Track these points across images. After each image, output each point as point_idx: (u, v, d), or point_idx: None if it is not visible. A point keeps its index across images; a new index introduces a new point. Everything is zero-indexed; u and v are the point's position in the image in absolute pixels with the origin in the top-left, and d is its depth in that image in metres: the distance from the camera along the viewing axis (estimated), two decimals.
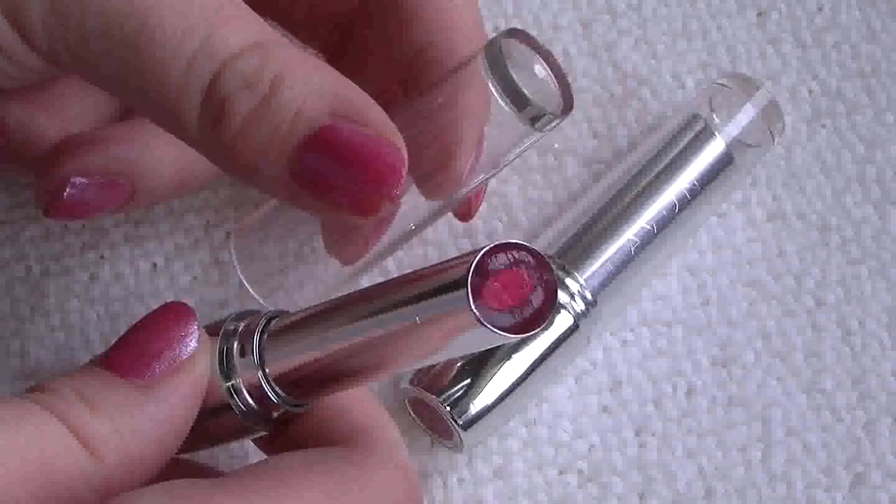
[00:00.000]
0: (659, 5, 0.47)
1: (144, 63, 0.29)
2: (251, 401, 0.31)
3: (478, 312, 0.26)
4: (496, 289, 0.26)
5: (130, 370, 0.29)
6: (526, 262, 0.27)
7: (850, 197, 0.44)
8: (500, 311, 0.26)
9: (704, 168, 0.41)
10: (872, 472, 0.40)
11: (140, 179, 0.37)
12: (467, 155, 0.34)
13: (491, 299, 0.26)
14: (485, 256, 0.26)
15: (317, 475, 0.29)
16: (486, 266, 0.26)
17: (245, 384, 0.31)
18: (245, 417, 0.31)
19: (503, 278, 0.26)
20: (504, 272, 0.26)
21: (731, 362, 0.41)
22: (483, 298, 0.26)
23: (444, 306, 0.27)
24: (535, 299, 0.27)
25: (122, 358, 0.30)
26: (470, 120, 0.33)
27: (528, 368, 0.38)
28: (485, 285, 0.26)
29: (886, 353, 0.42)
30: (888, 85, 0.46)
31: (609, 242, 0.39)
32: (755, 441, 0.40)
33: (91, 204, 0.36)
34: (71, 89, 0.38)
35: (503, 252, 0.27)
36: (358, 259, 0.36)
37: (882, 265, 0.43)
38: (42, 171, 0.36)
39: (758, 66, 0.46)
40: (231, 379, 0.31)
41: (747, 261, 0.43)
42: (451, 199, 0.36)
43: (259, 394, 0.31)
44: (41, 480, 0.27)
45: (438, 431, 0.39)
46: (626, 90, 0.45)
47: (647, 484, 0.40)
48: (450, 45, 0.35)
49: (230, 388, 0.31)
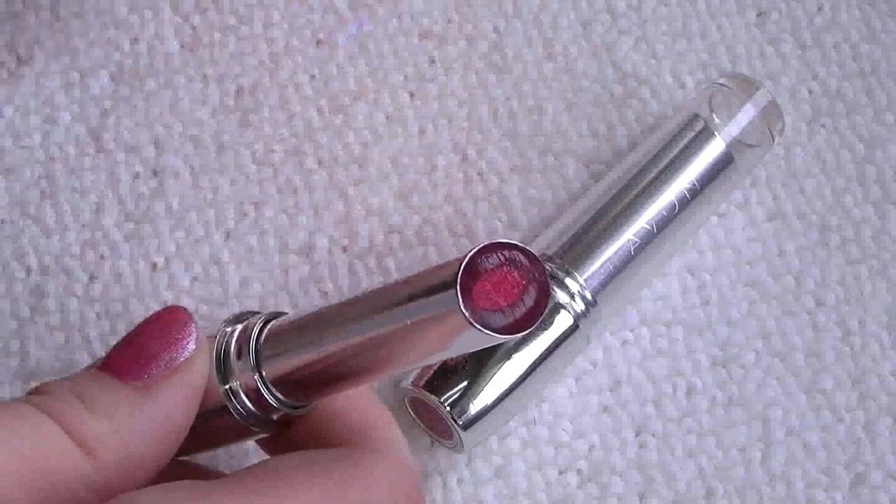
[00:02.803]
0: (659, 5, 0.47)
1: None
2: (249, 403, 0.31)
3: (468, 313, 0.26)
4: (486, 289, 0.26)
5: (129, 372, 0.29)
6: (517, 261, 0.27)
7: (850, 197, 0.44)
8: (491, 312, 0.26)
9: (704, 168, 0.41)
10: (872, 472, 0.40)
11: None
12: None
13: (481, 300, 0.26)
14: (475, 256, 0.26)
15: (317, 475, 0.28)
16: (477, 266, 0.26)
17: (242, 386, 0.31)
18: (243, 420, 0.31)
19: (494, 278, 0.26)
20: (495, 272, 0.26)
21: (731, 362, 0.41)
22: (473, 299, 0.26)
23: (435, 308, 0.27)
24: (527, 299, 0.26)
25: (121, 360, 0.30)
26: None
27: (528, 368, 0.38)
28: (475, 286, 0.26)
29: (886, 353, 0.42)
30: (888, 85, 0.46)
31: (609, 242, 0.39)
32: (755, 441, 0.40)
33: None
34: None
35: (494, 252, 0.26)
36: None
37: (882, 265, 0.43)
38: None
39: (758, 66, 0.46)
40: (228, 381, 0.31)
41: (747, 261, 0.43)
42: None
43: (256, 396, 0.31)
44: (37, 481, 0.27)
45: (438, 431, 0.39)
46: (626, 90, 0.45)
47: (647, 484, 0.40)
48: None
49: (228, 391, 0.31)
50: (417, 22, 0.46)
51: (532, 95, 0.45)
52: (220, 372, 0.31)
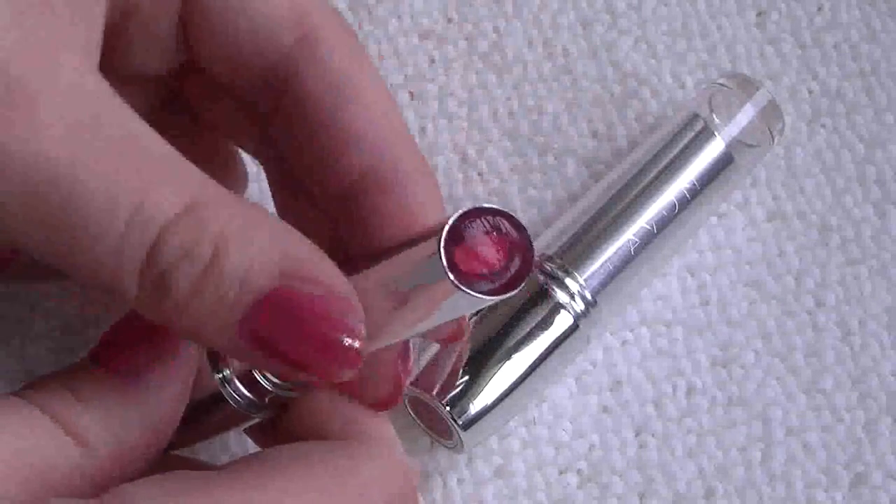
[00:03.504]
0: (659, 5, 0.47)
1: (73, 237, 0.26)
2: (242, 388, 0.31)
3: (452, 276, 0.26)
4: (470, 252, 0.26)
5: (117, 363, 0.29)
6: (500, 226, 0.27)
7: (850, 197, 0.44)
8: (474, 275, 0.26)
9: (704, 168, 0.41)
10: (872, 472, 0.40)
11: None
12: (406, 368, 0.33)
13: (464, 263, 0.26)
14: (458, 221, 0.26)
15: (313, 467, 0.28)
16: (461, 231, 0.26)
17: (235, 372, 0.31)
18: (237, 406, 0.31)
19: (477, 242, 0.26)
20: (478, 236, 0.26)
21: (731, 362, 0.41)
22: (457, 263, 0.26)
23: (420, 273, 0.27)
24: (510, 264, 0.27)
25: (108, 352, 0.30)
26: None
27: (528, 368, 0.38)
28: (458, 250, 0.26)
29: (886, 353, 0.42)
30: (888, 85, 0.46)
31: (609, 242, 0.39)
32: (755, 441, 0.40)
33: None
34: None
35: (478, 217, 0.27)
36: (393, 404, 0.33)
37: (882, 265, 0.43)
38: None
39: (758, 66, 0.46)
40: (220, 367, 0.31)
41: (747, 261, 0.43)
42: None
43: (249, 380, 0.31)
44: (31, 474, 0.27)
45: (438, 431, 0.39)
46: (626, 90, 0.45)
47: (647, 484, 0.40)
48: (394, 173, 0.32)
49: (221, 378, 0.31)
50: (417, 22, 0.46)
51: (532, 95, 0.45)
52: (211, 359, 0.31)
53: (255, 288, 0.27)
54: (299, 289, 0.27)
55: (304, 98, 0.32)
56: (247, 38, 0.32)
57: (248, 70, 0.33)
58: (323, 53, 0.32)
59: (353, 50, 0.33)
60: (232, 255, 0.26)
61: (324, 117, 0.32)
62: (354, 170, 0.32)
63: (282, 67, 0.32)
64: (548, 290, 0.39)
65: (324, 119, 0.32)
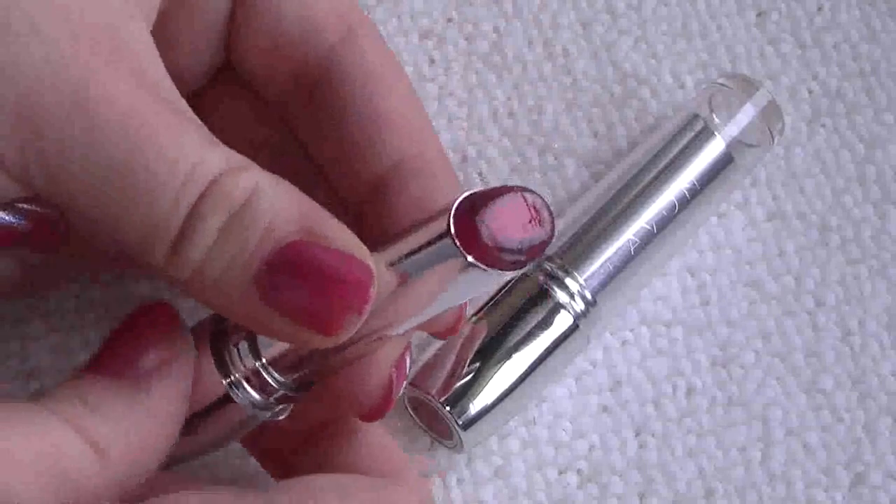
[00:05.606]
0: (659, 5, 0.47)
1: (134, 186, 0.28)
2: (251, 390, 0.31)
3: (461, 248, 0.26)
4: (481, 228, 0.27)
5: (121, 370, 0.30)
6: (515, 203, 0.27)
7: (850, 197, 0.44)
8: (484, 250, 0.27)
9: (704, 168, 0.41)
10: (872, 472, 0.40)
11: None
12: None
13: (476, 239, 0.27)
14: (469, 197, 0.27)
15: (357, 496, 0.29)
16: (474, 205, 0.27)
17: (243, 374, 0.31)
18: (248, 408, 0.31)
19: (487, 217, 0.27)
20: (490, 212, 0.27)
21: (731, 362, 0.41)
22: (468, 239, 0.27)
23: (431, 252, 0.27)
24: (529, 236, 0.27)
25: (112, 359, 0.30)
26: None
27: (528, 368, 0.38)
28: (469, 227, 0.27)
29: (886, 353, 0.42)
30: (888, 85, 0.46)
31: (609, 242, 0.40)
32: (755, 441, 0.40)
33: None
34: None
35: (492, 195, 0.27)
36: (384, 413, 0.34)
37: (882, 265, 0.43)
38: None
39: (758, 66, 0.46)
40: (229, 370, 0.31)
41: (747, 261, 0.43)
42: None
43: (259, 381, 0.31)
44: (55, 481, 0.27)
45: (438, 431, 0.39)
46: (626, 90, 0.45)
47: (647, 484, 0.40)
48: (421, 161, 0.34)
49: (230, 382, 0.31)
50: (417, 22, 0.46)
51: (532, 95, 0.45)
52: (218, 363, 0.31)
53: (276, 236, 0.28)
54: (319, 244, 0.28)
55: (345, 92, 0.34)
56: (292, 36, 0.34)
57: (287, 68, 0.35)
58: (364, 50, 0.34)
59: (385, 47, 0.35)
60: (259, 207, 0.28)
61: (363, 108, 0.34)
62: (389, 158, 0.34)
63: (323, 64, 0.34)
64: (548, 289, 0.39)
65: (363, 110, 0.34)
